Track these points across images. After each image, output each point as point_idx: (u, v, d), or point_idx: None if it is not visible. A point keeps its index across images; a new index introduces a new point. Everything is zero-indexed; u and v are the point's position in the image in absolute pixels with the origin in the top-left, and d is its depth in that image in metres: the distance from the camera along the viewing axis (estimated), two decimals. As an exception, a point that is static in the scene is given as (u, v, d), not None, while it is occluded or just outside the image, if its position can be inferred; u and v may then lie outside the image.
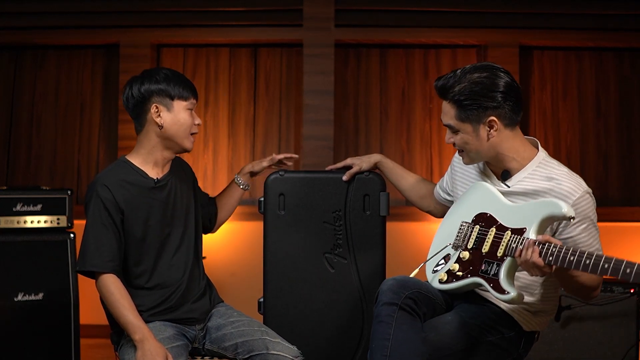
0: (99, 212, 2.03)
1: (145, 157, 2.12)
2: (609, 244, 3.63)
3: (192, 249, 2.17)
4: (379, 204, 2.39)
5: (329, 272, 2.40)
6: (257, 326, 2.09)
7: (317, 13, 3.68)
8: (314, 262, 2.39)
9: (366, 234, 2.39)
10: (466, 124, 1.89)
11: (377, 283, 2.36)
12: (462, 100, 1.87)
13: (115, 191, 2.04)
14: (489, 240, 1.83)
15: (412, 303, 1.85)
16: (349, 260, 2.39)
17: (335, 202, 2.40)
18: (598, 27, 3.67)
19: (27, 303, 2.82)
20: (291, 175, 2.43)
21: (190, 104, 2.11)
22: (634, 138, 3.80)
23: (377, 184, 2.40)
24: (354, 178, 2.38)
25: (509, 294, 1.74)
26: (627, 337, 2.91)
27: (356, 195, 2.40)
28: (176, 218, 2.14)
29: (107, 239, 2.02)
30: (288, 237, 2.39)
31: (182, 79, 2.12)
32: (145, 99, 2.07)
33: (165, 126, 2.08)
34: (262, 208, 2.42)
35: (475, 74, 1.87)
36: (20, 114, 3.86)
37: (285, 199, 2.40)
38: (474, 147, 1.91)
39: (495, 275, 1.78)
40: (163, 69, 2.13)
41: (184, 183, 2.20)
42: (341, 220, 2.40)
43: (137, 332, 1.96)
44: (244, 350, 2.03)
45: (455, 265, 1.88)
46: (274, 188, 2.41)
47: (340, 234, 2.40)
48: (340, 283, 2.38)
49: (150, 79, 2.08)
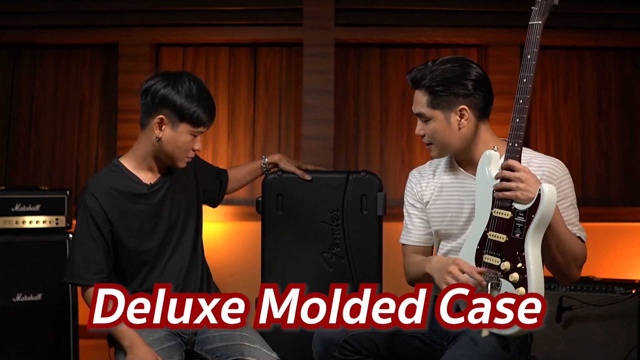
0: (87, 223, 1.99)
1: (139, 161, 2.07)
2: (611, 244, 3.65)
3: (190, 252, 2.14)
4: (376, 203, 2.39)
5: (326, 272, 2.40)
6: (240, 331, 2.05)
7: (317, 12, 3.66)
8: (312, 261, 2.40)
9: (363, 233, 2.40)
10: (437, 111, 1.92)
11: (375, 282, 2.38)
12: (434, 86, 1.90)
13: (104, 201, 2.00)
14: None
15: (349, 352, 1.89)
16: (346, 259, 2.39)
17: (332, 202, 2.40)
18: (599, 26, 3.66)
19: (26, 304, 2.82)
20: (289, 175, 2.43)
21: (197, 131, 2.00)
22: (635, 138, 3.78)
23: (374, 184, 2.41)
24: (351, 178, 2.39)
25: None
26: (628, 338, 2.90)
27: (353, 195, 2.40)
28: (171, 222, 2.10)
29: (94, 251, 2.00)
30: (286, 237, 2.40)
31: (204, 102, 1.98)
32: (157, 104, 1.97)
33: (163, 141, 2.00)
34: (259, 208, 2.43)
35: (447, 64, 1.92)
36: (18, 113, 3.85)
37: (283, 199, 2.41)
38: (444, 137, 1.93)
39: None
40: (192, 81, 1.99)
41: (184, 180, 2.15)
42: (339, 220, 2.41)
43: (125, 338, 1.95)
44: (222, 354, 2.01)
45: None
46: (271, 188, 2.42)
47: (337, 234, 2.41)
48: (337, 282, 2.37)
49: (173, 87, 1.96)
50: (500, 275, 1.76)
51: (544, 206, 1.69)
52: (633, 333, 2.90)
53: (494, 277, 1.78)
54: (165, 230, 2.09)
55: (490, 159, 1.85)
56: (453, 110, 1.91)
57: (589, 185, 3.78)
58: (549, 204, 1.69)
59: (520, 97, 1.78)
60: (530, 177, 1.73)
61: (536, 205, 1.70)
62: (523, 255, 1.71)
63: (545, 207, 1.69)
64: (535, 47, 1.82)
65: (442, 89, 1.90)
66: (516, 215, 1.74)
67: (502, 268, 1.75)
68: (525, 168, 1.75)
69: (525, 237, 1.72)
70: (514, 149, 1.78)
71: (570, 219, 1.87)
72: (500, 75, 3.51)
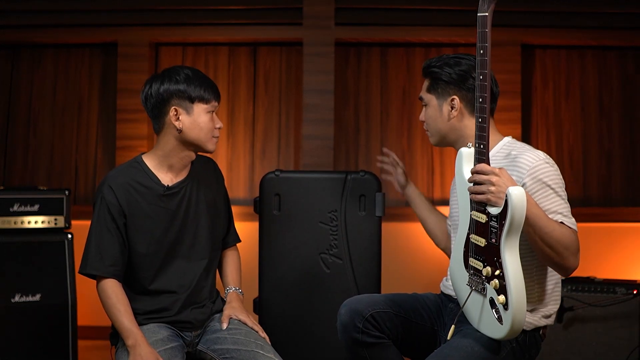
0: (103, 215, 1.99)
1: (160, 160, 2.05)
2: (612, 245, 3.64)
3: (205, 260, 2.10)
4: (374, 204, 2.38)
5: (324, 272, 2.40)
6: (254, 338, 2.02)
7: (317, 11, 3.65)
8: (310, 262, 2.39)
9: (362, 234, 2.39)
10: (432, 96, 2.00)
11: (373, 283, 2.38)
12: (436, 72, 1.97)
13: (120, 194, 1.99)
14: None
15: (372, 328, 1.90)
16: (344, 260, 2.38)
17: (331, 202, 2.39)
18: (601, 25, 3.64)
19: (25, 304, 2.81)
20: (287, 175, 2.42)
21: (211, 106, 2.04)
22: (637, 138, 3.77)
23: (373, 184, 2.39)
24: (349, 178, 2.36)
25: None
26: (629, 338, 2.89)
27: (352, 195, 2.39)
28: (187, 228, 2.07)
29: (109, 243, 1.99)
30: (283, 237, 2.39)
31: (204, 79, 2.04)
32: (164, 100, 1.99)
33: (185, 130, 2.01)
34: (257, 208, 2.41)
35: (460, 56, 1.98)
36: (17, 113, 3.84)
37: (281, 199, 2.39)
38: (435, 123, 2.00)
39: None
40: (185, 68, 2.05)
41: (205, 188, 2.12)
42: (337, 220, 2.39)
43: (129, 337, 1.94)
44: (232, 357, 1.98)
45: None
46: (269, 188, 2.40)
47: (335, 235, 2.40)
48: (335, 283, 2.38)
49: (170, 78, 2.00)
50: (484, 279, 1.73)
51: (512, 210, 1.63)
52: (634, 334, 2.89)
53: (479, 282, 1.75)
54: (181, 234, 2.06)
55: (463, 158, 1.82)
56: (446, 100, 1.96)
57: (590, 185, 3.76)
58: (517, 208, 1.63)
59: (479, 96, 1.73)
60: (501, 179, 1.68)
61: (505, 210, 1.65)
62: (500, 262, 1.67)
63: (513, 211, 1.63)
64: (485, 41, 1.72)
65: (441, 75, 1.96)
66: (490, 219, 1.70)
67: (484, 274, 1.72)
68: (496, 170, 1.70)
69: (500, 243, 1.67)
70: (480, 151, 1.74)
71: (552, 207, 1.79)
72: (501, 74, 3.49)
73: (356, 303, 1.94)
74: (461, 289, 1.86)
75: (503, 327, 1.69)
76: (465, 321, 1.86)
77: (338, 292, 2.36)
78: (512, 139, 1.96)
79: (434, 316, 2.03)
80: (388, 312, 1.94)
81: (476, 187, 1.72)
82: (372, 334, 1.92)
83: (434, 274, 3.25)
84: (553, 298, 1.92)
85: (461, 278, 1.84)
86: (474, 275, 1.77)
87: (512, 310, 1.66)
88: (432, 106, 2.00)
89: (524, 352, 1.89)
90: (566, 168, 3.74)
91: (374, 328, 1.92)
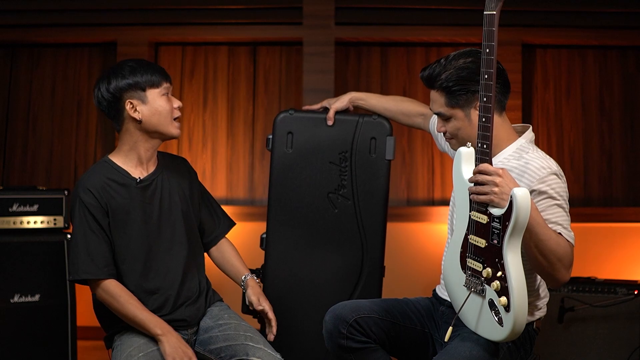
0: (85, 218, 1.98)
1: (127, 155, 2.05)
2: (613, 245, 3.63)
3: (187, 251, 2.11)
4: (385, 147, 2.40)
5: (332, 212, 2.42)
6: (243, 330, 2.04)
7: (317, 11, 3.64)
8: (318, 201, 2.42)
9: (371, 176, 2.42)
10: (457, 110, 1.90)
11: (378, 226, 2.43)
12: (451, 87, 1.88)
13: (99, 194, 1.99)
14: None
15: (357, 333, 1.90)
16: (352, 201, 2.40)
17: (342, 143, 2.42)
18: (602, 25, 3.64)
19: (24, 305, 2.81)
20: (300, 114, 2.44)
21: (164, 89, 2.04)
22: (638, 137, 3.76)
23: (384, 127, 2.42)
24: (361, 121, 2.38)
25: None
26: (630, 339, 2.88)
27: (363, 137, 2.42)
28: (164, 219, 2.07)
29: (96, 244, 1.98)
30: (293, 175, 2.43)
31: (148, 66, 2.04)
32: (117, 98, 2.01)
33: (145, 119, 2.01)
34: (269, 145, 2.44)
35: (460, 60, 1.89)
36: (16, 112, 3.84)
37: (294, 137, 2.42)
38: (466, 132, 1.91)
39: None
40: (128, 61, 2.06)
41: (176, 181, 2.13)
42: (347, 161, 2.42)
43: (157, 327, 1.95)
44: (226, 354, 1.99)
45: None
46: (282, 126, 2.44)
47: (345, 175, 2.42)
48: (342, 223, 2.42)
49: (116, 75, 2.01)
50: (484, 281, 1.72)
51: (517, 211, 1.62)
52: (635, 334, 2.88)
53: (477, 283, 1.74)
54: (159, 226, 2.06)
55: (462, 158, 1.79)
56: (472, 106, 1.88)
57: (591, 185, 3.76)
58: (522, 209, 1.62)
59: (484, 95, 1.71)
60: (505, 180, 1.67)
61: (509, 211, 1.63)
62: (502, 264, 1.66)
63: (518, 213, 1.62)
64: (492, 40, 1.71)
65: (459, 88, 1.87)
66: (492, 220, 1.69)
67: (484, 275, 1.71)
68: (499, 170, 1.68)
69: (502, 244, 1.65)
70: (483, 151, 1.72)
71: (552, 217, 1.79)
72: (502, 74, 3.49)
73: (340, 309, 1.94)
74: (456, 290, 1.84)
75: (503, 329, 1.68)
76: (461, 324, 1.85)
77: (344, 232, 2.41)
78: (527, 142, 1.92)
79: (424, 319, 2.02)
80: (373, 316, 1.94)
81: (478, 187, 1.71)
82: (357, 339, 1.92)
83: (434, 274, 3.23)
84: (543, 291, 1.93)
85: (457, 279, 1.83)
86: (472, 276, 1.76)
87: (514, 312, 1.65)
88: (459, 119, 1.91)
89: (519, 348, 1.89)
90: (567, 168, 3.73)
91: (359, 333, 1.92)
